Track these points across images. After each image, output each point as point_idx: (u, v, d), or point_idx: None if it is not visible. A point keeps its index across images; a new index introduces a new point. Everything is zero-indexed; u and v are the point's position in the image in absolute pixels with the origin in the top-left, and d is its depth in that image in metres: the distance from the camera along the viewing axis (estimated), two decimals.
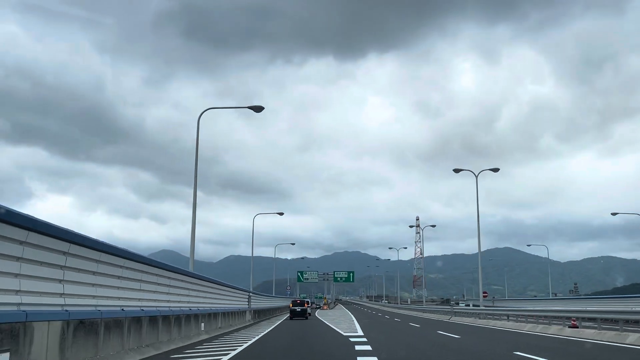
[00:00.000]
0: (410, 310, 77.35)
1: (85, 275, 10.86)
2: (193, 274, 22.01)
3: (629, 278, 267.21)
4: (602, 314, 24.34)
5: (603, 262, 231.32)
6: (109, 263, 11.90)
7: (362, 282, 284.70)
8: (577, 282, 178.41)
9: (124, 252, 12.79)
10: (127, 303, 13.06)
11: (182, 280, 19.43)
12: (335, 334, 24.64)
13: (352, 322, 37.40)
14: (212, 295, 25.70)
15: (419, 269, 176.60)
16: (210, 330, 23.89)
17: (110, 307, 11.95)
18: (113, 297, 12.29)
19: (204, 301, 23.19)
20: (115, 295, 12.42)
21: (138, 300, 14.01)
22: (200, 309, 21.91)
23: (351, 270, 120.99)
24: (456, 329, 30.54)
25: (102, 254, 11.42)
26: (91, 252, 10.87)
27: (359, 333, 24.76)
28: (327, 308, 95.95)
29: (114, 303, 12.29)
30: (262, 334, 24.81)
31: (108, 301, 11.93)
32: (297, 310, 49.36)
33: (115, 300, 12.44)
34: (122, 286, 12.84)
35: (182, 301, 19.31)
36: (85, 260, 10.72)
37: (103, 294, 11.66)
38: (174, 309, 17.70)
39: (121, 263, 12.65)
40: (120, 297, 12.70)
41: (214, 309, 25.02)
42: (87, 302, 10.92)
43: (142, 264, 14.23)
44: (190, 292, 20.58)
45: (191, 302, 20.56)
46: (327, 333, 25.91)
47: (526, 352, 15.53)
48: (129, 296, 13.37)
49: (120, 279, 12.75)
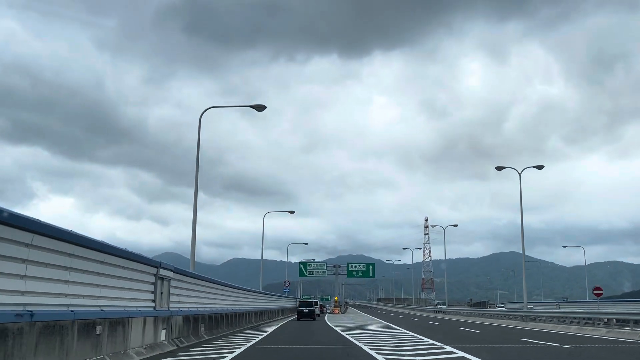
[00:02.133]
0: (459, 315, 60.15)
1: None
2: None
3: (636, 283, 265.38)
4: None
5: (610, 267, 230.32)
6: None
7: (366, 286, 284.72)
8: (582, 287, 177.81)
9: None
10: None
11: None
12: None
13: (411, 337, 23.06)
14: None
15: (427, 271, 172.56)
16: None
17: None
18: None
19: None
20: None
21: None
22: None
23: (370, 262, 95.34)
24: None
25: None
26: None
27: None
28: (339, 312, 76.55)
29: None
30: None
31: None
32: (305, 311, 49.78)
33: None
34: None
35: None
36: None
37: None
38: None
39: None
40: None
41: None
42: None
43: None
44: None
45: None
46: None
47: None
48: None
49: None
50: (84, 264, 10.70)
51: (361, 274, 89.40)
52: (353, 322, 41.67)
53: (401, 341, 20.71)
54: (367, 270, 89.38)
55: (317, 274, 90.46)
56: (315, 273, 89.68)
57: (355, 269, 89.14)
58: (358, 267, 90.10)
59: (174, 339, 17.48)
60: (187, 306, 19.76)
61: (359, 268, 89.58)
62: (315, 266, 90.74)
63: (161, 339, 15.98)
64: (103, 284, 11.67)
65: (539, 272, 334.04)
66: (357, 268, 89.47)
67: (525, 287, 48.52)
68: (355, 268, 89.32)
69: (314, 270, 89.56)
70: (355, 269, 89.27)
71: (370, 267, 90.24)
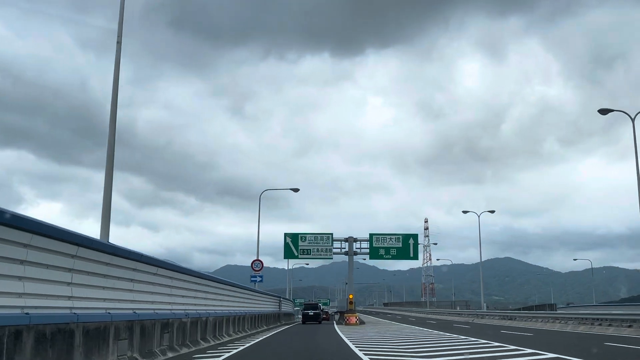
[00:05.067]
0: (532, 320, 41.14)
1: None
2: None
3: (632, 289, 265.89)
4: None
5: (606, 273, 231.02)
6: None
7: (362, 292, 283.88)
8: (578, 292, 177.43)
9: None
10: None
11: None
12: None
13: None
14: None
15: (428, 275, 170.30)
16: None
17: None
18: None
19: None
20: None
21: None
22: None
23: (408, 234, 54.16)
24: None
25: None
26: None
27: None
28: (357, 322, 45.93)
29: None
30: None
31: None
32: (310, 314, 49.37)
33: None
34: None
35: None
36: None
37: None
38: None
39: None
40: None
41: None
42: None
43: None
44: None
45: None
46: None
47: None
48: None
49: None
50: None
51: (395, 254, 52.10)
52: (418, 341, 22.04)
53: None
54: (404, 247, 52.05)
55: (316, 254, 52.60)
56: (313, 253, 52.15)
57: (383, 244, 52.07)
58: (388, 241, 52.38)
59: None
60: None
61: (390, 243, 52.22)
62: (313, 240, 51.91)
63: None
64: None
65: (536, 278, 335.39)
66: (388, 243, 52.22)
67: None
68: (383, 243, 52.12)
69: (309, 247, 51.82)
70: (384, 244, 52.10)
71: (409, 240, 52.42)
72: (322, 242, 51.77)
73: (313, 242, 51.54)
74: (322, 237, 51.94)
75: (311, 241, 51.54)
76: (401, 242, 52.01)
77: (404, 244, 52.01)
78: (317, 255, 52.33)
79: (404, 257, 52.77)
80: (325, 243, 51.74)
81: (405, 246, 51.94)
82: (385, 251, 51.84)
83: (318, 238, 51.77)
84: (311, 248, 51.55)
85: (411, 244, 52.06)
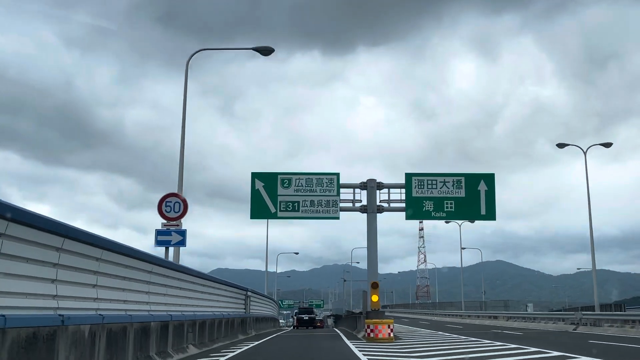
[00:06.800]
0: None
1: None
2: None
3: (623, 292, 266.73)
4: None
5: (597, 276, 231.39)
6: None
7: (352, 296, 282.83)
8: (570, 295, 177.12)
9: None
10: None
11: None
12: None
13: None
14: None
15: (423, 277, 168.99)
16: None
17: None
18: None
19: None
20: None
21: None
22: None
23: (485, 173, 28.87)
24: None
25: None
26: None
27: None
28: (391, 335, 23.47)
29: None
30: None
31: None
32: (305, 318, 48.13)
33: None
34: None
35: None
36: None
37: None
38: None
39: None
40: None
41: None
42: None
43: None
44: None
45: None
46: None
47: None
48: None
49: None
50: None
51: (453, 209, 28.18)
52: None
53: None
54: (470, 198, 28.26)
55: (310, 211, 28.12)
56: (304, 208, 28.10)
57: (431, 192, 28.28)
58: (441, 186, 28.28)
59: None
60: None
61: (444, 190, 28.27)
62: (304, 186, 28.35)
63: None
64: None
65: (527, 281, 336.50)
66: (440, 190, 28.24)
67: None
68: (431, 189, 28.32)
69: (298, 198, 28.17)
70: (433, 190, 28.29)
71: (479, 185, 28.45)
72: (320, 189, 28.04)
73: (304, 190, 27.96)
74: (320, 180, 28.14)
75: (301, 187, 27.97)
76: (464, 188, 27.99)
77: (470, 191, 28.06)
78: (312, 212, 27.86)
79: (470, 216, 29.25)
80: (327, 191, 27.99)
81: (472, 196, 28.04)
82: (435, 204, 27.89)
83: (313, 182, 28.10)
84: (301, 200, 27.81)
85: (482, 192, 28.10)
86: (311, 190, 28.09)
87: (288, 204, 27.80)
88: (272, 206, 27.70)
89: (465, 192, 28.14)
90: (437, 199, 28.07)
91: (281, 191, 27.86)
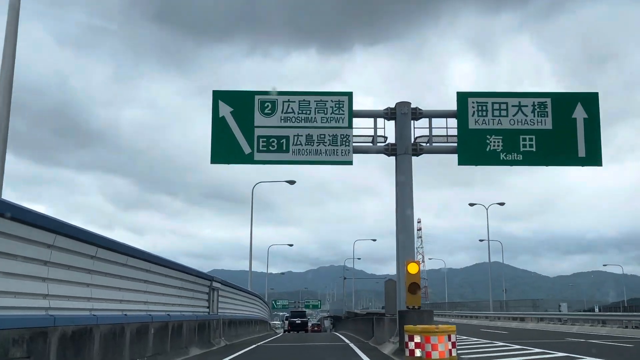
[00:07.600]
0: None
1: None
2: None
3: (620, 293, 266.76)
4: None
5: (593, 277, 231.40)
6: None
7: (349, 297, 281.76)
8: (566, 297, 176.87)
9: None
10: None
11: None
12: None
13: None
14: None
15: (422, 278, 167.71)
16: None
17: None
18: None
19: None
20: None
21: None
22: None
23: (582, 93, 18.45)
24: None
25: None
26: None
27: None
28: (450, 355, 11.09)
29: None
30: None
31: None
32: (297, 322, 47.61)
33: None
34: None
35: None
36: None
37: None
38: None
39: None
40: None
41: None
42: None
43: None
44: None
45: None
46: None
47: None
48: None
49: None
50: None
51: (534, 148, 17.94)
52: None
53: None
54: (560, 133, 18.02)
55: (304, 152, 17.50)
56: (295, 147, 17.49)
57: (499, 123, 18.04)
58: (515, 112, 18.09)
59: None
60: None
61: (522, 120, 18.10)
62: (299, 113, 17.66)
63: None
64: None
65: (524, 283, 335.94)
66: (514, 120, 18.13)
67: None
68: (499, 119, 18.09)
69: (288, 131, 17.64)
70: (500, 120, 18.07)
71: (572, 114, 18.04)
72: (322, 117, 17.88)
73: (297, 118, 17.81)
74: (322, 104, 18.01)
75: (291, 114, 17.88)
76: (550, 115, 18.18)
77: (561, 120, 18.19)
78: (309, 153, 17.75)
79: (561, 160, 18.46)
80: (333, 120, 17.89)
81: (564, 127, 18.15)
82: (505, 141, 18.17)
83: (311, 106, 17.98)
84: (291, 135, 17.71)
85: (580, 121, 18.17)
86: (308, 119, 17.81)
87: (271, 140, 17.59)
88: (245, 144, 17.58)
89: (552, 123, 18.14)
90: (509, 132, 18.07)
91: (260, 120, 17.72)
